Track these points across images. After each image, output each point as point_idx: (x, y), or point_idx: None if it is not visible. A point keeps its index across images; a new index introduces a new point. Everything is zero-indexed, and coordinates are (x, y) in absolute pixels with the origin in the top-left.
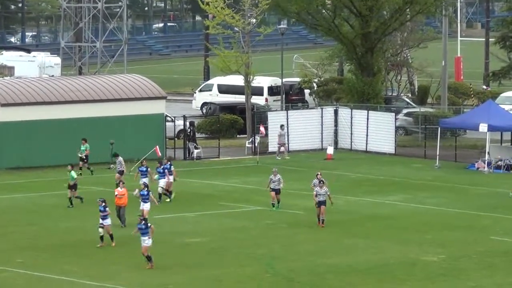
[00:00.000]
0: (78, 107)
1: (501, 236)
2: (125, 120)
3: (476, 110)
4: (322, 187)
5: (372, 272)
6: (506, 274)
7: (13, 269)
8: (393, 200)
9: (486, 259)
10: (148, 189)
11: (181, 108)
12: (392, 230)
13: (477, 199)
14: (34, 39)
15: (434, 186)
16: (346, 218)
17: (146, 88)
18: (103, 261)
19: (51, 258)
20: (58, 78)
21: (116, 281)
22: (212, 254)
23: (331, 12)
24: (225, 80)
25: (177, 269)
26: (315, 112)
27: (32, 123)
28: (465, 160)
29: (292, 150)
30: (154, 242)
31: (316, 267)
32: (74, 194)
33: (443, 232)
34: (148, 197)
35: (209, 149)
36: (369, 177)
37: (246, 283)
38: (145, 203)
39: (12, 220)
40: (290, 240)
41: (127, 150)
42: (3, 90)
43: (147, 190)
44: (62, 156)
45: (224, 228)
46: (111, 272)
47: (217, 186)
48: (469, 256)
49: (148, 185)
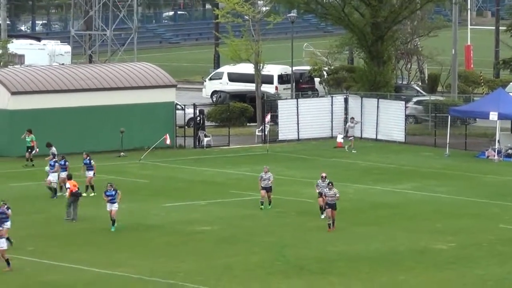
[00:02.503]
0: (88, 96)
1: (510, 225)
2: (135, 108)
3: (486, 98)
4: (331, 189)
5: (381, 260)
6: None
7: (22, 256)
8: (403, 189)
9: (495, 248)
10: (114, 189)
11: (191, 96)
12: (402, 218)
13: (487, 187)
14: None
15: (444, 175)
16: (355, 206)
17: (156, 76)
18: (112, 249)
19: (60, 246)
20: (68, 67)
21: (125, 268)
22: (222, 242)
23: (340, 0)
24: (235, 69)
25: (187, 257)
26: (325, 101)
27: (42, 111)
28: (475, 148)
29: (302, 138)
30: (164, 230)
31: (326, 255)
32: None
33: (452, 221)
34: (116, 197)
35: (219, 138)
36: (378, 165)
37: (256, 271)
38: (112, 204)
39: (22, 208)
40: (300, 228)
41: (137, 139)
42: (13, 78)
43: (114, 190)
44: (72, 144)
45: (234, 216)
46: (120, 259)
47: (227, 175)
48: (478, 244)
49: (113, 184)
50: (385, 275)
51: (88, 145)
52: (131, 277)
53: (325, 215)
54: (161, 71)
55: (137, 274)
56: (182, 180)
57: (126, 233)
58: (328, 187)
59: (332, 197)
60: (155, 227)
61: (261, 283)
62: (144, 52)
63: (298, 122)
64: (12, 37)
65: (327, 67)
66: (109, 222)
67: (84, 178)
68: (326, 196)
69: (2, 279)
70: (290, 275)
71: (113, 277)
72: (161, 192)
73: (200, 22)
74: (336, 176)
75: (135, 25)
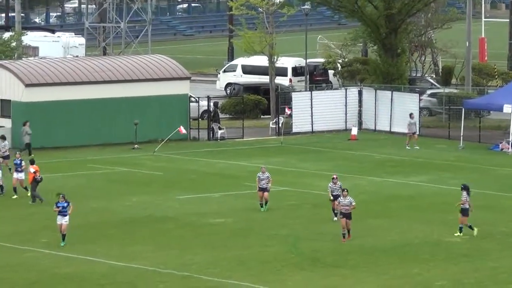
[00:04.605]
0: (102, 88)
1: None
2: (149, 100)
3: (501, 91)
4: (346, 196)
5: (395, 252)
6: None
7: (38, 249)
8: (417, 181)
9: (508, 240)
10: (66, 201)
11: (205, 88)
12: (416, 210)
13: (500, 180)
14: (58, 20)
15: (458, 167)
16: (370, 198)
17: (170, 68)
18: (126, 241)
19: (75, 238)
20: (83, 59)
21: (139, 261)
22: (236, 234)
23: None
24: (249, 61)
25: (201, 250)
26: (339, 93)
27: (56, 103)
28: (489, 141)
29: (316, 130)
30: (178, 222)
31: (339, 247)
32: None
33: None
34: (67, 209)
35: (233, 130)
36: (392, 157)
37: (270, 264)
38: (64, 216)
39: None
40: (314, 221)
41: (151, 130)
42: (28, 70)
43: (66, 202)
44: (86, 136)
45: (248, 208)
46: (134, 252)
47: (241, 167)
48: (491, 236)
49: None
50: (399, 268)
51: (102, 137)
52: (145, 269)
53: (337, 219)
54: (175, 63)
55: (152, 266)
56: (196, 172)
57: (139, 226)
58: (343, 195)
59: (347, 206)
60: (169, 219)
61: (275, 275)
62: (158, 44)
63: (312, 114)
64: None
65: (341, 60)
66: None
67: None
68: (341, 204)
69: (18, 271)
70: (304, 267)
71: (128, 269)
72: (175, 184)
73: (214, 14)
74: (351, 168)
75: (149, 17)
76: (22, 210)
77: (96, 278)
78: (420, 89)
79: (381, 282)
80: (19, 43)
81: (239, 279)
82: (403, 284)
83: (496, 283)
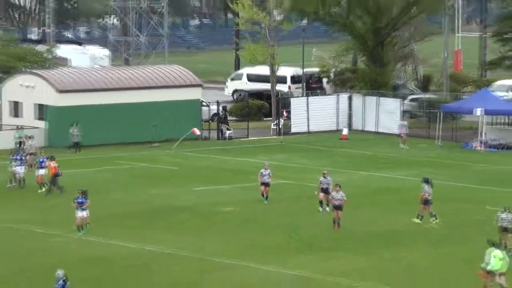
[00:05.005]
0: (125, 94)
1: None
2: (165, 105)
3: (473, 97)
4: (338, 191)
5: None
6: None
7: (66, 234)
8: (401, 175)
9: (482, 227)
10: (85, 196)
11: (214, 94)
12: (400, 201)
13: (477, 174)
14: (86, 34)
15: (438, 163)
16: (360, 191)
17: (184, 77)
18: (146, 228)
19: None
20: (107, 68)
21: (157, 245)
22: (244, 222)
23: (345, 10)
24: (253, 70)
25: (213, 235)
26: (332, 98)
27: (84, 107)
28: (463, 140)
29: (312, 131)
30: (193, 211)
31: (334, 234)
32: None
33: (445, 204)
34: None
35: (239, 130)
36: (379, 154)
37: (273, 248)
38: (83, 210)
39: (68, 193)
40: (311, 211)
41: (168, 131)
42: (60, 79)
43: (84, 198)
44: (111, 136)
45: (253, 199)
46: (153, 237)
47: (247, 163)
48: (467, 225)
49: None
50: (386, 252)
51: (125, 137)
52: (163, 252)
53: (323, 210)
54: (189, 72)
55: (169, 249)
56: (207, 167)
57: (158, 214)
58: (336, 190)
59: (340, 200)
60: (185, 208)
61: (277, 258)
62: (174, 55)
63: (308, 117)
64: (58, 42)
65: (333, 69)
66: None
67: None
68: (333, 198)
69: (47, 255)
70: (303, 251)
71: (148, 252)
72: (189, 178)
73: (223, 29)
74: (343, 164)
75: (166, 32)
76: (49, 201)
77: (119, 260)
78: (402, 95)
79: (371, 263)
80: (52, 55)
81: (246, 261)
82: (391, 265)
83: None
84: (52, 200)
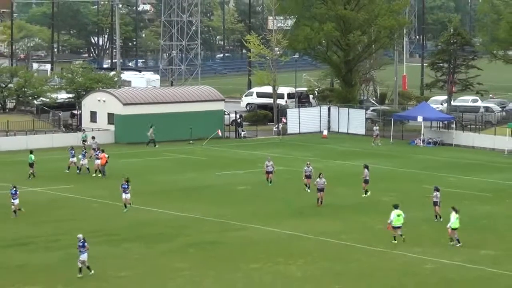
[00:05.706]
0: (170, 106)
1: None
2: (199, 113)
3: (416, 108)
4: (321, 178)
5: (353, 207)
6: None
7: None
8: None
9: (419, 199)
10: (127, 183)
11: (233, 106)
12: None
13: (418, 163)
14: (143, 63)
15: (390, 155)
16: (336, 175)
17: (212, 94)
18: (182, 200)
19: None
20: (158, 88)
21: (191, 212)
22: (252, 196)
23: (325, 47)
24: (261, 89)
25: (230, 205)
26: (316, 109)
27: (142, 116)
28: (409, 138)
29: (302, 132)
30: (216, 188)
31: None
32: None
33: (393, 183)
34: (127, 188)
35: (251, 132)
36: (349, 149)
37: (272, 215)
38: (126, 194)
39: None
40: (301, 189)
41: (200, 132)
42: (124, 95)
43: (127, 184)
44: (160, 135)
45: (260, 180)
46: (187, 207)
47: (256, 154)
48: (409, 197)
49: (128, 179)
50: (357, 217)
51: (170, 136)
52: (195, 217)
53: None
54: (215, 91)
55: (199, 215)
56: (227, 158)
57: (191, 191)
58: (319, 177)
59: (322, 185)
60: (210, 186)
61: (275, 221)
62: (205, 79)
63: (299, 122)
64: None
65: (317, 89)
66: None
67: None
68: (317, 182)
69: (109, 221)
70: (294, 216)
71: (184, 217)
72: (214, 165)
73: (239, 60)
74: (324, 155)
75: (199, 62)
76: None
77: (164, 222)
78: (365, 107)
79: (346, 224)
80: (119, 78)
81: (253, 223)
82: (360, 226)
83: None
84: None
